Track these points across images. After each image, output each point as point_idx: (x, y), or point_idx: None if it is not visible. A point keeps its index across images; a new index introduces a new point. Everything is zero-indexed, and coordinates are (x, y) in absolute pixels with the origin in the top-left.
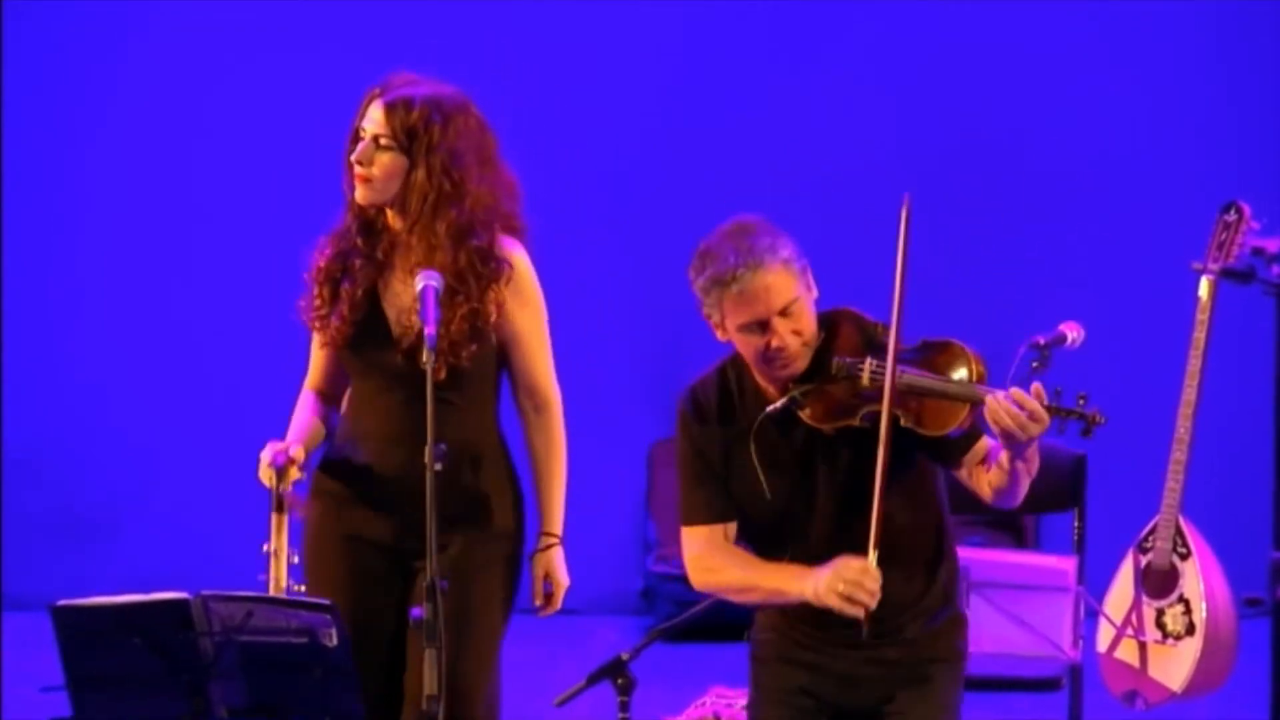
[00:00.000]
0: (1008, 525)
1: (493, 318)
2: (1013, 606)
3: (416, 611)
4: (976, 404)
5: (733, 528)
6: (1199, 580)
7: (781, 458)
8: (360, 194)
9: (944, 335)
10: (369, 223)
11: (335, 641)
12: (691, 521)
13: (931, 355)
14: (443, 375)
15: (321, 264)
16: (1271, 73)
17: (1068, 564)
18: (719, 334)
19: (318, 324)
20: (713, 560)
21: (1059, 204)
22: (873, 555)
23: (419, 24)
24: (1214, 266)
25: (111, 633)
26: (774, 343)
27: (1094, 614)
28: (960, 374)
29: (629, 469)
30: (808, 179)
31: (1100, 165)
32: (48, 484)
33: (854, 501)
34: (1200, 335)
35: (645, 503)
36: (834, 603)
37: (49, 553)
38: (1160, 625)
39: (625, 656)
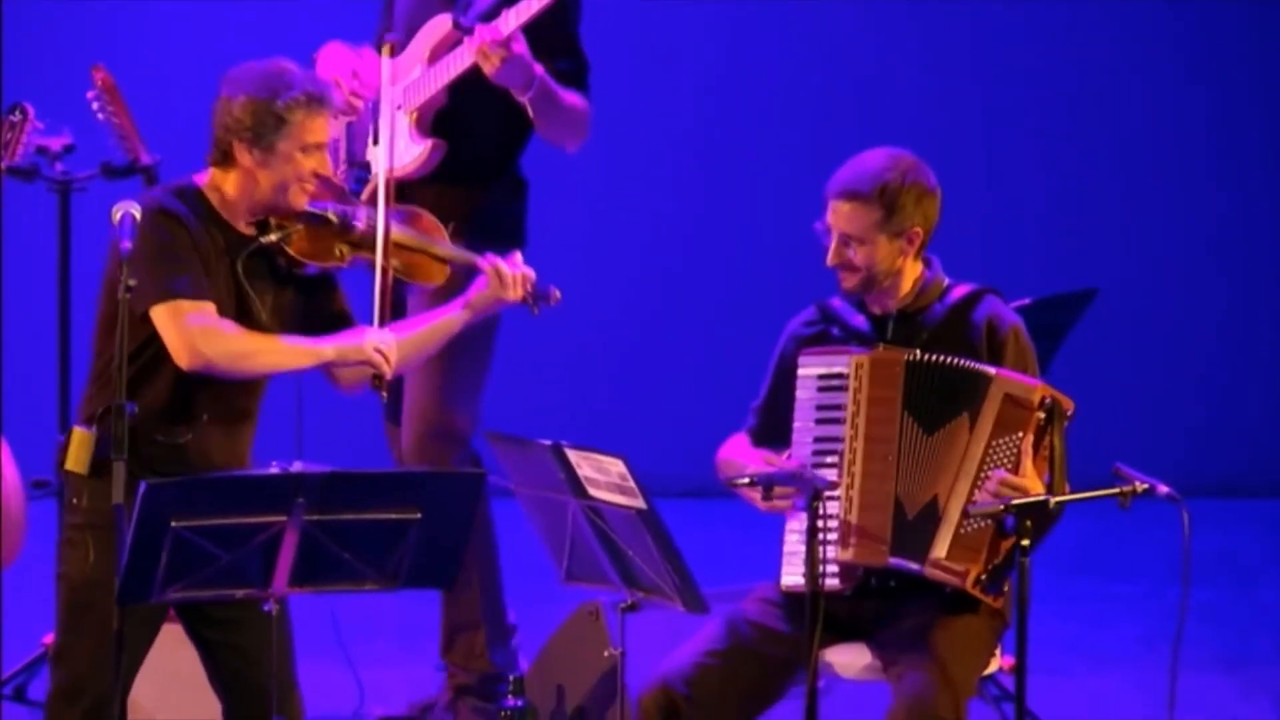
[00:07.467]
0: None
1: None
2: None
3: None
4: (471, 269)
5: None
6: None
7: (259, 284)
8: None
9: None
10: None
11: None
12: (187, 294)
13: (413, 220)
14: None
15: None
16: None
17: None
18: (249, 155)
19: None
20: (224, 326)
21: None
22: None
23: None
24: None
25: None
26: (320, 169)
27: None
28: (444, 241)
29: None
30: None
31: None
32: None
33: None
34: None
35: None
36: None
37: None
38: None
39: None
